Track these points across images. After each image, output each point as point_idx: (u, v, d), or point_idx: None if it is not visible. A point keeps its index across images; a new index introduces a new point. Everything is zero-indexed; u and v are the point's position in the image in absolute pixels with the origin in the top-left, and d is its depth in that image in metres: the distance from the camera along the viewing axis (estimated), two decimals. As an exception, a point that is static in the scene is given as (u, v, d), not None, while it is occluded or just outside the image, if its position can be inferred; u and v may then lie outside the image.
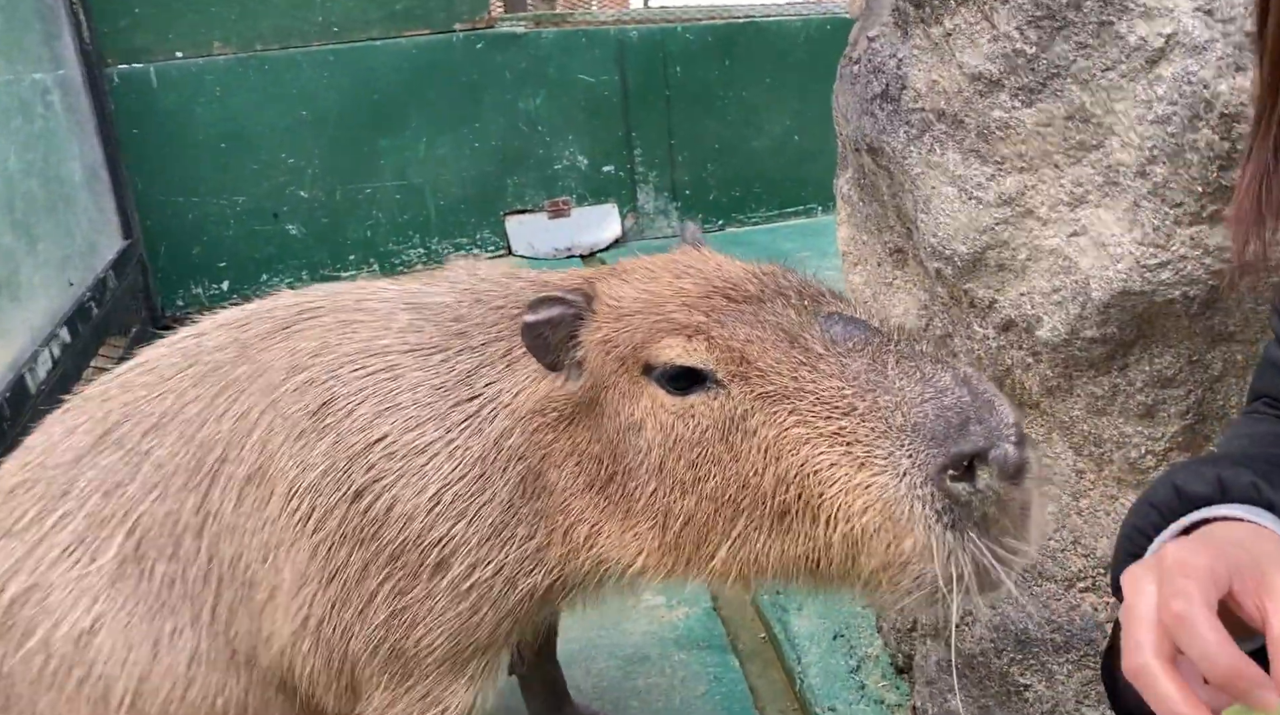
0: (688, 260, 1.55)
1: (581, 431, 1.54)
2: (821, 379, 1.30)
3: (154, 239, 4.91)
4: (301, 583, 1.68)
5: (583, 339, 1.50)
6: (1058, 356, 1.87)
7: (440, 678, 1.71)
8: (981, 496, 1.19)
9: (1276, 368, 1.39)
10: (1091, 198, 1.78)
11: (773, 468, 1.31)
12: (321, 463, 1.66)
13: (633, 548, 1.51)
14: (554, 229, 5.51)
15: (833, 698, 2.32)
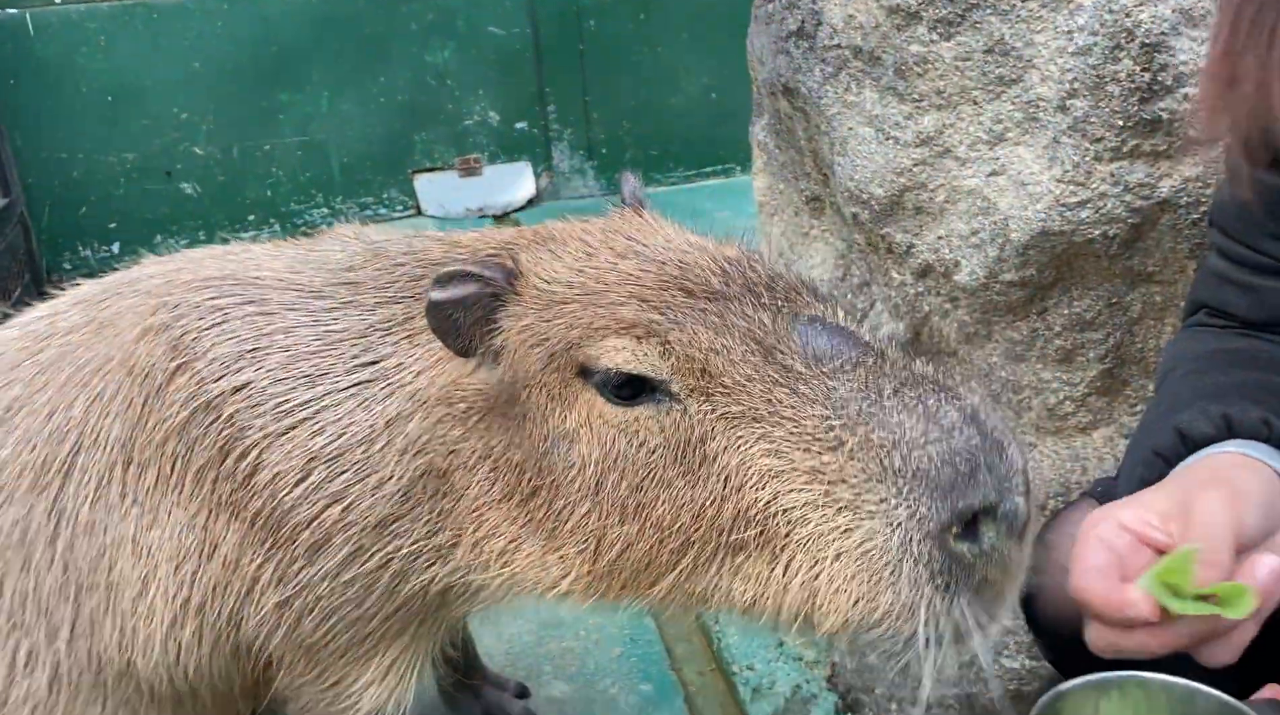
0: (631, 231, 1.34)
1: (498, 433, 1.34)
2: (802, 404, 1.11)
3: (36, 198, 4.65)
4: (180, 559, 1.55)
5: (502, 324, 1.30)
6: (976, 301, 1.83)
7: (345, 669, 1.58)
8: (986, 558, 1.03)
9: (1217, 277, 1.39)
10: (1011, 135, 1.73)
11: (734, 500, 1.14)
12: (180, 416, 1.51)
13: (556, 571, 1.32)
14: (465, 188, 5.36)
15: (751, 656, 2.30)
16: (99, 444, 1.59)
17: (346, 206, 5.22)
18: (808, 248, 2.31)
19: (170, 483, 1.54)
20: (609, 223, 1.38)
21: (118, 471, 1.58)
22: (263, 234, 5.08)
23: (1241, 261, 1.35)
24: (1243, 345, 1.34)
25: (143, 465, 1.56)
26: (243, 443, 1.47)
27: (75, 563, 1.61)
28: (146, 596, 1.58)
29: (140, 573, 1.58)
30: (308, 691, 1.62)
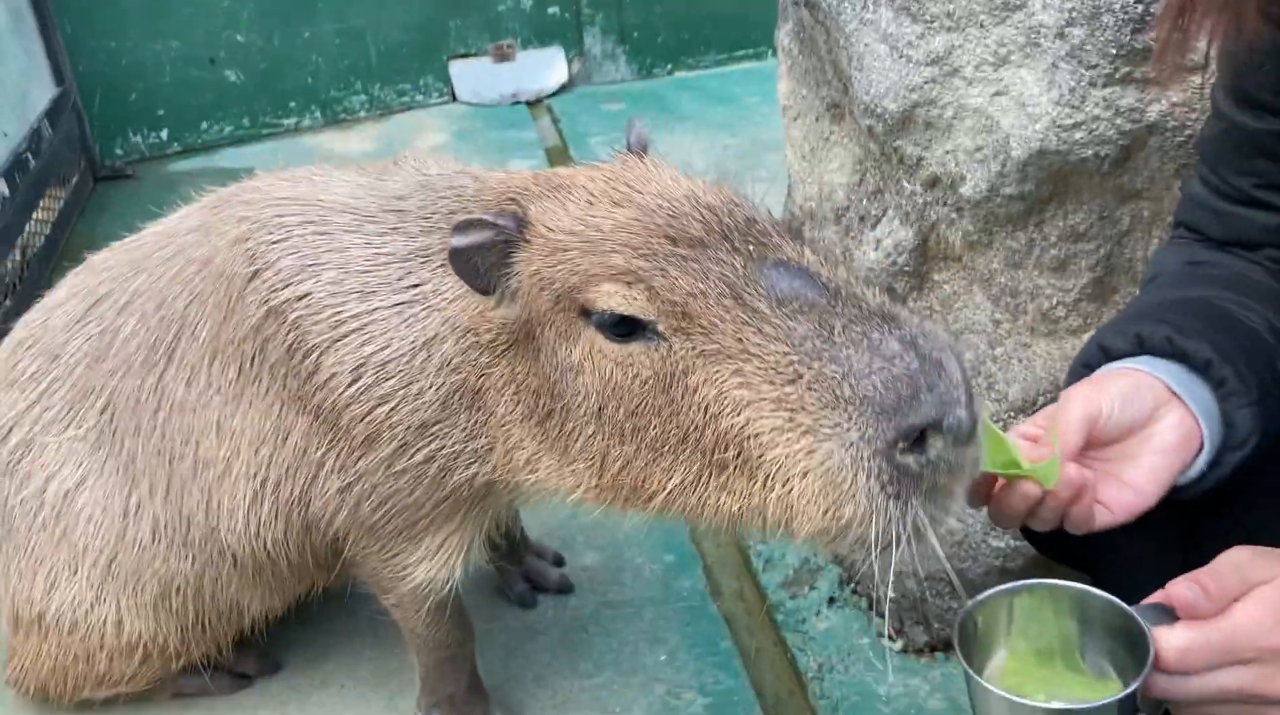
0: (630, 178, 1.44)
1: (520, 362, 1.50)
2: (766, 342, 1.24)
3: (88, 86, 4.74)
4: (260, 443, 1.75)
5: (517, 267, 1.43)
6: (979, 212, 1.95)
7: (402, 545, 1.77)
8: (933, 467, 1.15)
9: (1196, 202, 1.51)
10: (1014, 58, 1.83)
11: (713, 426, 1.28)
12: (254, 317, 1.68)
13: (571, 482, 1.49)
14: (499, 74, 5.41)
15: (765, 532, 2.48)
16: (195, 337, 1.79)
17: (384, 93, 5.28)
18: (828, 152, 2.42)
19: (250, 376, 1.73)
20: (613, 170, 1.48)
21: (205, 363, 1.78)
22: (303, 120, 5.18)
23: (1215, 189, 1.47)
24: (1212, 257, 1.47)
25: (226, 360, 1.75)
26: (305, 345, 1.64)
27: (170, 434, 1.83)
28: (230, 475, 1.79)
29: (224, 453, 1.79)
30: (371, 561, 1.83)
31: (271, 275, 1.66)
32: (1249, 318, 1.32)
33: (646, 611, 2.31)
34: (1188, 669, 1.07)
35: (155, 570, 1.92)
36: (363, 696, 2.15)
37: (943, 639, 2.14)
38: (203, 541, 1.87)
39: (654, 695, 2.11)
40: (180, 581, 1.92)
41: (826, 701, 2.05)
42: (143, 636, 1.98)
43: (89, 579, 1.94)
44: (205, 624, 1.99)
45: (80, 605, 1.96)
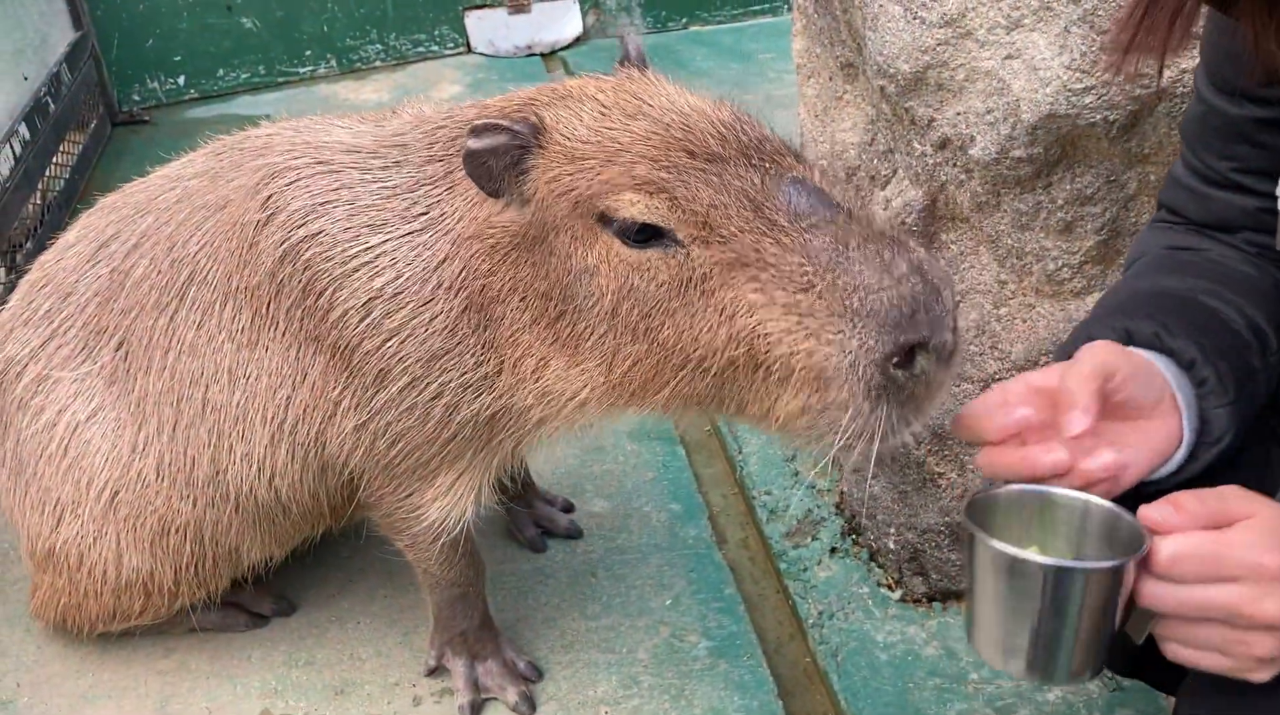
0: (637, 91, 1.50)
1: (525, 268, 1.54)
2: (784, 253, 1.31)
3: (106, 31, 4.77)
4: (278, 386, 1.80)
5: (530, 174, 1.48)
6: (988, 174, 1.98)
7: (415, 484, 1.83)
8: (915, 380, 1.27)
9: (1177, 184, 1.53)
10: (1027, 22, 1.85)
11: (726, 327, 1.35)
12: (269, 261, 1.73)
13: (578, 382, 1.54)
14: (514, 25, 5.40)
15: (769, 483, 2.53)
16: (206, 282, 1.84)
17: (400, 43, 5.28)
18: (840, 111, 2.44)
19: (266, 320, 1.77)
20: (617, 82, 1.54)
21: (216, 308, 1.83)
22: (319, 69, 5.19)
23: (1195, 171, 1.49)
24: (1191, 242, 1.50)
25: (239, 306, 1.80)
26: (319, 284, 1.69)
27: (180, 375, 1.88)
28: (245, 419, 1.83)
29: (238, 399, 1.83)
30: (386, 502, 1.88)
31: (285, 218, 1.71)
32: (1228, 314, 1.35)
33: (653, 557, 2.37)
34: (1178, 575, 1.07)
35: (155, 507, 1.96)
36: (378, 632, 2.23)
37: (940, 589, 2.20)
38: (205, 483, 1.92)
39: (659, 638, 2.18)
40: (180, 521, 1.96)
41: (825, 647, 2.12)
42: (140, 573, 2.02)
43: (91, 513, 1.98)
44: (200, 565, 2.02)
45: (84, 540, 2.00)
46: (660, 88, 1.51)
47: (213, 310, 1.83)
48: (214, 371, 1.84)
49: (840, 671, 2.06)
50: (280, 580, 2.29)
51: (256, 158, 1.82)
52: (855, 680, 2.04)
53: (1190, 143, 1.49)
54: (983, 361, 2.10)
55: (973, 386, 2.10)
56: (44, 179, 3.72)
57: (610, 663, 2.12)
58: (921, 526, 2.19)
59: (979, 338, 2.10)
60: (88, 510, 1.99)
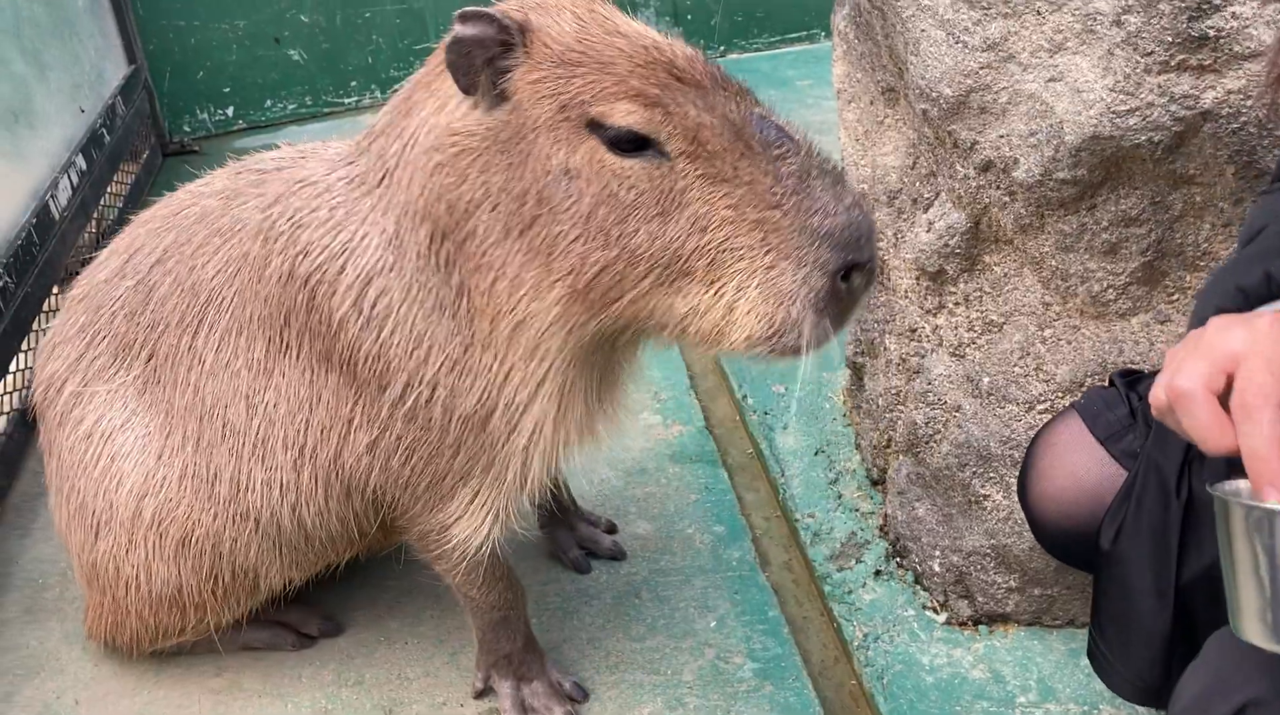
0: (604, 12, 1.57)
1: (497, 173, 1.54)
2: (758, 174, 1.45)
3: (158, 64, 4.89)
4: (296, 410, 1.83)
5: (514, 76, 1.50)
6: (1031, 196, 1.98)
7: (435, 501, 1.85)
8: (850, 296, 1.47)
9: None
10: (1070, 45, 1.87)
11: (696, 238, 1.47)
12: (275, 290, 1.79)
13: (549, 297, 1.57)
14: (555, 55, 5.47)
15: (812, 506, 2.53)
16: (223, 309, 1.89)
17: (443, 73, 5.37)
18: (881, 135, 2.46)
19: (280, 348, 1.82)
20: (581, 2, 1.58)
21: (232, 336, 1.87)
22: (364, 99, 5.28)
23: None
24: None
25: (252, 336, 1.85)
26: (317, 297, 1.73)
27: (202, 393, 1.92)
28: (266, 445, 1.87)
29: (256, 426, 1.87)
30: (416, 523, 1.90)
31: (281, 246, 1.77)
32: None
33: (697, 580, 2.38)
34: None
35: (177, 516, 1.98)
36: (425, 652, 2.25)
37: (986, 612, 2.19)
38: (226, 500, 1.95)
39: (704, 659, 2.18)
40: (200, 533, 1.98)
41: (871, 670, 2.11)
42: (169, 585, 2.04)
43: (122, 521, 2.01)
44: (219, 580, 2.04)
45: (118, 551, 2.03)
46: (618, 16, 1.60)
47: (229, 337, 1.88)
48: (232, 395, 1.88)
49: (886, 694, 2.06)
50: (328, 600, 2.32)
51: (260, 187, 1.88)
52: (901, 703, 2.03)
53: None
54: (1028, 384, 2.09)
55: (1017, 408, 2.10)
56: (99, 208, 3.82)
57: (655, 684, 2.13)
58: (967, 549, 2.19)
59: (1024, 359, 2.10)
60: (118, 519, 2.01)
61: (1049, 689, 2.03)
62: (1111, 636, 1.59)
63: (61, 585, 2.48)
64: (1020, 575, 2.15)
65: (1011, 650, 2.13)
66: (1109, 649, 1.60)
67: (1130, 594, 1.53)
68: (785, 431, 2.76)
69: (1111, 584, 1.58)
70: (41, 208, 3.26)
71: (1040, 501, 1.73)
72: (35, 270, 3.10)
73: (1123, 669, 1.57)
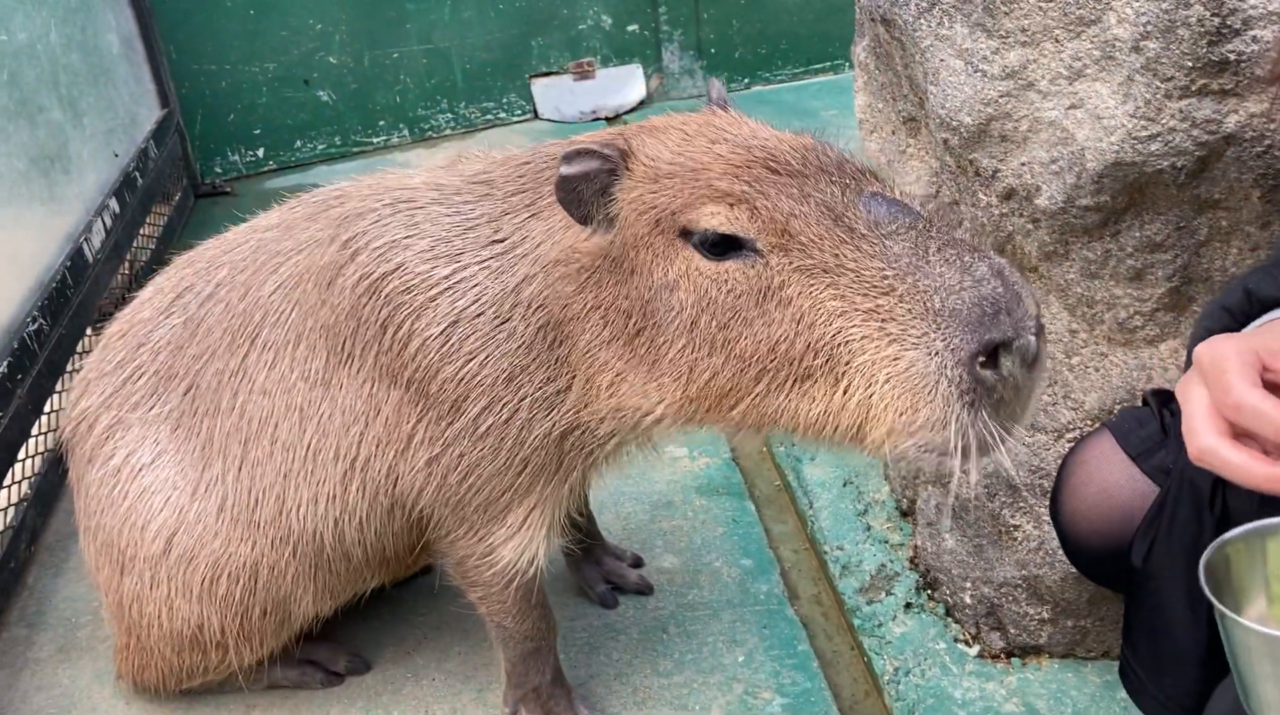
0: (721, 123, 1.55)
1: (608, 288, 1.57)
2: (863, 258, 1.33)
3: (190, 107, 4.98)
4: (351, 422, 1.83)
5: (617, 196, 1.52)
6: (1055, 223, 1.97)
7: (487, 524, 1.85)
8: (1003, 382, 1.27)
9: None
10: (1089, 71, 1.86)
11: (805, 336, 1.37)
12: (348, 301, 1.77)
13: (654, 397, 1.56)
14: (579, 91, 5.52)
15: (841, 538, 2.51)
16: (280, 323, 1.89)
17: (469, 111, 5.43)
18: (904, 165, 2.46)
19: (341, 358, 1.82)
20: (701, 116, 1.60)
21: (289, 349, 1.88)
22: (392, 138, 5.36)
23: None
24: None
25: (313, 346, 1.85)
26: (398, 316, 1.72)
27: (249, 415, 1.93)
28: (316, 459, 1.87)
29: (310, 439, 1.87)
30: (459, 546, 1.90)
31: (365, 257, 1.75)
32: None
33: (725, 614, 2.36)
34: None
35: (212, 550, 1.98)
36: (452, 689, 2.24)
37: (1019, 644, 2.16)
38: (266, 524, 1.95)
39: (733, 694, 2.16)
40: (234, 566, 1.98)
41: (902, 704, 2.08)
42: (189, 623, 2.04)
43: (147, 558, 2.02)
44: (249, 615, 2.04)
45: (142, 588, 2.04)
46: (743, 121, 1.56)
47: (285, 351, 1.88)
48: (284, 410, 1.88)
49: (918, 729, 2.03)
50: (356, 637, 2.32)
51: (334, 206, 1.89)
52: (933, 738, 2.00)
53: None
54: (1056, 412, 2.07)
55: (1046, 437, 2.08)
56: (131, 250, 3.88)
57: (683, 720, 2.11)
58: (998, 581, 2.16)
59: (1051, 388, 2.08)
60: (143, 555, 2.02)
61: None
62: (1144, 655, 1.56)
63: (94, 624, 2.50)
64: (1053, 606, 2.11)
65: (1045, 683, 2.09)
66: (1141, 668, 1.57)
67: (1163, 611, 1.50)
68: (813, 462, 2.74)
69: (1144, 601, 1.56)
70: (75, 250, 3.32)
71: (1072, 518, 1.71)
72: (69, 312, 3.16)
73: (1155, 689, 1.54)
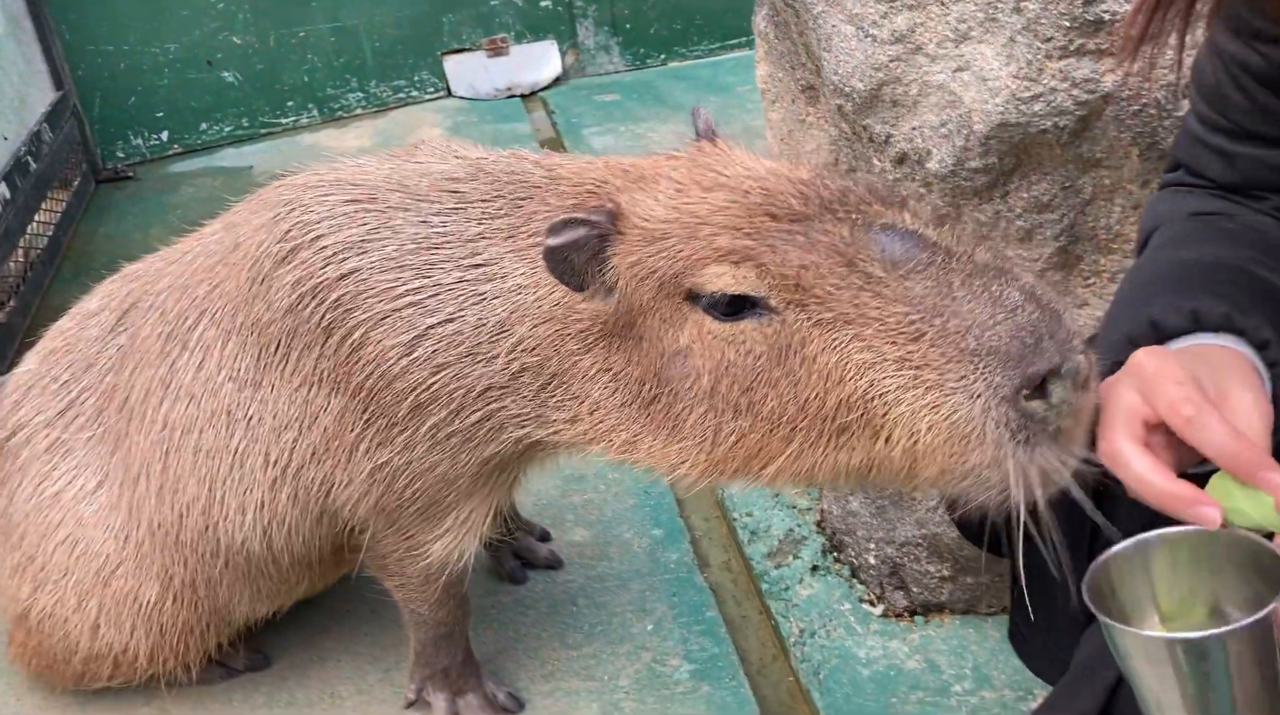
0: (711, 162, 1.44)
1: (617, 353, 1.48)
2: (885, 304, 1.23)
3: (87, 90, 4.83)
4: (282, 428, 1.73)
5: (613, 261, 1.40)
6: (946, 186, 2.00)
7: (421, 525, 1.78)
8: (1057, 410, 1.17)
9: (1194, 139, 1.43)
10: (974, 34, 1.88)
11: (835, 392, 1.27)
12: (287, 299, 1.66)
13: (676, 459, 1.45)
14: (493, 68, 5.47)
15: (750, 505, 2.53)
16: (213, 322, 1.79)
17: (381, 90, 5.34)
18: (805, 134, 2.47)
19: (274, 359, 1.71)
20: (690, 158, 1.47)
21: (218, 347, 1.77)
22: (301, 119, 5.25)
23: (1214, 125, 1.38)
24: (1218, 207, 1.40)
25: (243, 345, 1.74)
26: (347, 324, 1.61)
27: (171, 424, 1.83)
28: (243, 465, 1.77)
29: (236, 443, 1.77)
30: (387, 543, 1.83)
31: (310, 254, 1.64)
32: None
33: (634, 584, 2.36)
34: None
35: (148, 578, 1.93)
36: (359, 670, 2.21)
37: (921, 602, 2.19)
38: (195, 541, 1.88)
39: (641, 663, 2.17)
40: (174, 589, 1.93)
41: (808, 665, 2.11)
42: (113, 647, 2.00)
43: (80, 584, 1.96)
44: (184, 634, 2.00)
45: (63, 608, 1.98)
46: (733, 156, 1.45)
47: (214, 349, 1.78)
48: (209, 415, 1.79)
49: (823, 689, 2.05)
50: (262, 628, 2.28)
51: (275, 193, 1.77)
52: (838, 697, 2.03)
53: (1204, 93, 1.39)
54: (952, 372, 2.10)
55: (943, 398, 2.11)
56: (25, 237, 3.76)
57: (592, 690, 2.11)
58: (900, 540, 2.19)
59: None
60: (74, 581, 1.96)
61: (984, 676, 2.04)
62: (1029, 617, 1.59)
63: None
64: (952, 564, 2.15)
65: (947, 639, 2.13)
66: (1028, 628, 1.60)
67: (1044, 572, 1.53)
68: (722, 433, 2.75)
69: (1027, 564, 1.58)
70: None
71: None
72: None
73: (1043, 649, 1.57)
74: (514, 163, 1.67)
